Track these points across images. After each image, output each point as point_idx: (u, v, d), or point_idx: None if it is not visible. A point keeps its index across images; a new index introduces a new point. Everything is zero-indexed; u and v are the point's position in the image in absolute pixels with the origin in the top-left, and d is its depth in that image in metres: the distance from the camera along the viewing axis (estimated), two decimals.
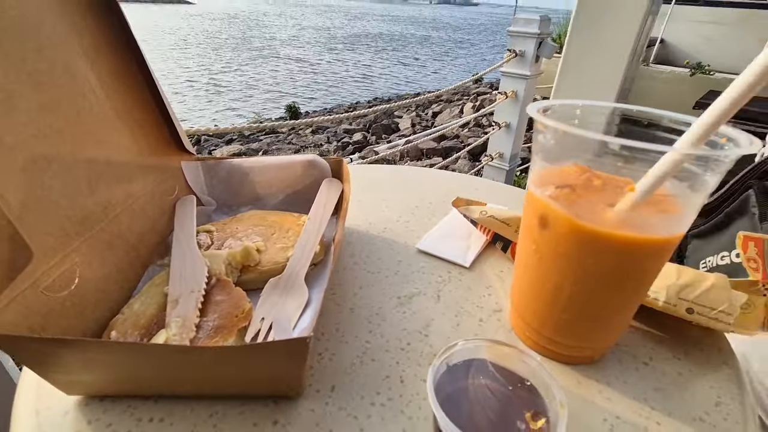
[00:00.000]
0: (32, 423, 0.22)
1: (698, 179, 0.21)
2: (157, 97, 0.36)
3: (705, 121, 0.19)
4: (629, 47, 0.77)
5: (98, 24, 0.31)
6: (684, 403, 0.25)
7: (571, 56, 0.85)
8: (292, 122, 1.23)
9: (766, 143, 0.54)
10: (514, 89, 2.03)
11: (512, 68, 2.10)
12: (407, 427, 0.23)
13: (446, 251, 0.38)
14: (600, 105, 0.26)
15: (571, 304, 0.25)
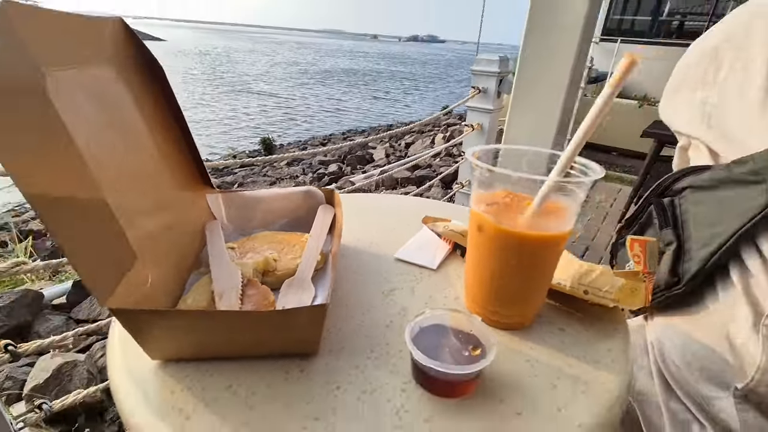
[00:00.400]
0: (128, 378, 0.31)
1: (572, 193, 0.33)
2: (189, 139, 0.47)
3: (565, 156, 0.31)
4: (566, 81, 0.92)
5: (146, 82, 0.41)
6: (586, 353, 0.37)
7: (518, 92, 1.00)
8: (266, 158, 1.33)
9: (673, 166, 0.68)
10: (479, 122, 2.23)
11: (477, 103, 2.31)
12: (393, 369, 0.33)
13: (418, 258, 0.49)
14: (516, 148, 0.38)
15: (501, 286, 0.36)
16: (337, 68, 34.53)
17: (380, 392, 0.31)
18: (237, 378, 0.31)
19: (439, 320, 0.33)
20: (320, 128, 12.45)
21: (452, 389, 0.30)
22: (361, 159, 6.78)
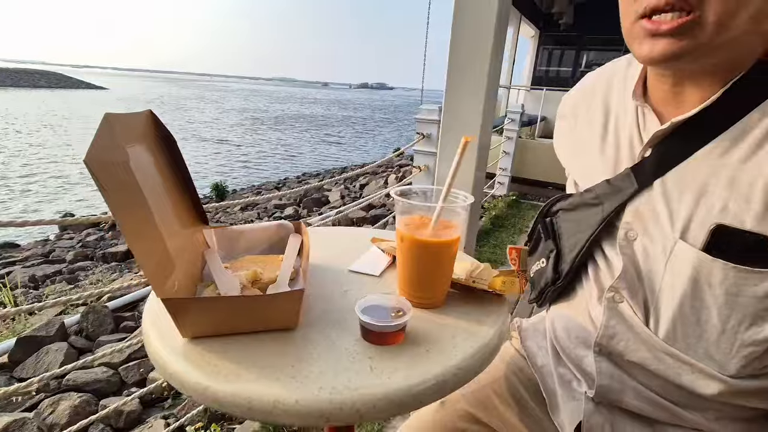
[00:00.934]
0: (166, 350, 0.45)
1: (455, 214, 0.52)
2: (191, 187, 0.63)
3: (443, 193, 0.51)
4: (478, 127, 1.16)
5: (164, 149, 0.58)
6: (475, 318, 0.55)
7: (443, 136, 1.24)
8: (219, 204, 1.48)
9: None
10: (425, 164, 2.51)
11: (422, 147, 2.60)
12: (348, 332, 0.50)
13: (366, 269, 0.67)
14: (422, 187, 0.58)
15: (418, 279, 0.55)
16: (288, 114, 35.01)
17: (340, 345, 0.48)
18: (244, 343, 0.47)
19: (378, 300, 0.51)
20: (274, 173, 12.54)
21: (385, 338, 0.47)
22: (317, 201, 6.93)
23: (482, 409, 0.78)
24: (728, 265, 0.50)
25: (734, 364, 0.54)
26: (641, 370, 0.61)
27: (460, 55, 1.10)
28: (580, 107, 0.74)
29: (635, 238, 0.59)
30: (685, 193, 0.54)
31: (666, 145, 0.57)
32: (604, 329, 0.63)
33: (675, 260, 0.54)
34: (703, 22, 0.45)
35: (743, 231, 0.49)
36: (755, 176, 0.48)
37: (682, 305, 0.55)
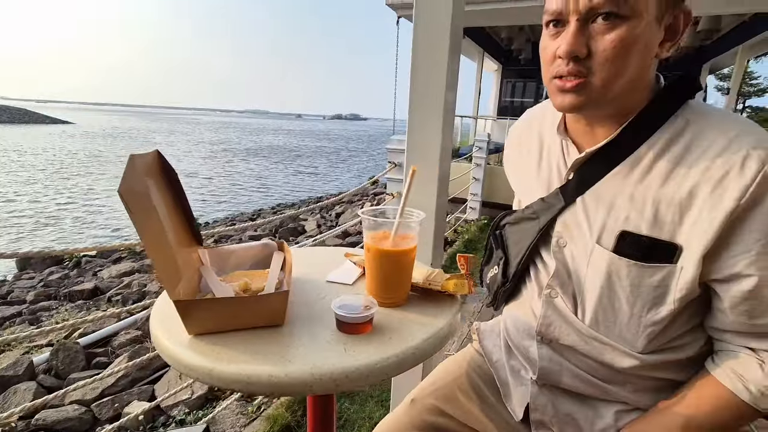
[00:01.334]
0: (175, 345, 0.55)
1: (410, 228, 0.65)
2: (189, 213, 0.73)
3: (399, 212, 0.64)
4: (438, 153, 1.30)
5: (166, 181, 0.69)
6: (431, 313, 0.67)
7: (407, 161, 1.38)
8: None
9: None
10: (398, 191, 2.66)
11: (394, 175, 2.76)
12: (326, 327, 0.61)
13: (341, 279, 0.79)
14: (383, 207, 0.71)
15: (383, 282, 0.67)
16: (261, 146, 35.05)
17: (319, 335, 0.59)
18: (240, 337, 0.57)
19: (350, 299, 0.62)
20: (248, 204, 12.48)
21: (356, 328, 0.58)
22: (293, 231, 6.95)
23: (447, 402, 0.89)
24: (631, 263, 0.64)
25: (641, 342, 0.67)
26: (573, 353, 0.74)
27: (418, 88, 1.25)
28: (522, 138, 0.89)
29: (565, 245, 0.73)
30: (599, 207, 0.68)
31: (584, 170, 0.72)
32: (542, 319, 0.76)
33: (594, 261, 0.69)
34: (592, 84, 0.62)
35: (640, 235, 0.64)
36: (647, 194, 0.64)
37: (600, 296, 0.69)
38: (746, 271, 0.58)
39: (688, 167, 0.61)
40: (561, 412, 0.77)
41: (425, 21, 1.17)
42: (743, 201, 0.56)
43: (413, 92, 1.24)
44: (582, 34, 0.60)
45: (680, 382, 0.69)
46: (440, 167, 1.26)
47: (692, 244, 0.60)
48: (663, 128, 0.64)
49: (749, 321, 0.62)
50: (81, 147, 25.70)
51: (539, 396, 0.79)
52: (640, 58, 0.60)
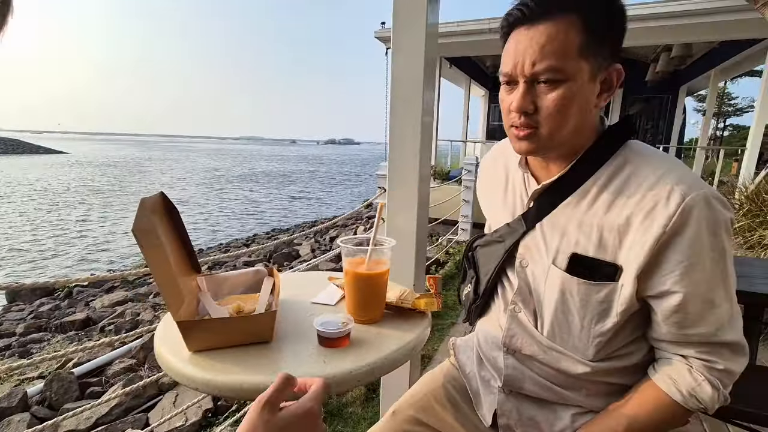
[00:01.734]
0: (176, 360, 0.64)
1: (382, 253, 0.75)
2: (188, 244, 0.83)
3: (372, 239, 0.74)
4: (416, 176, 1.40)
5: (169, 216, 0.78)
6: (403, 328, 0.77)
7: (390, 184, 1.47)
8: None
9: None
10: None
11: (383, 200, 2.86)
12: (308, 342, 0.70)
13: (324, 300, 0.88)
14: (355, 236, 0.81)
15: (362, 301, 0.76)
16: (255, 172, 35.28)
17: (302, 351, 0.67)
18: (234, 353, 0.66)
19: (330, 317, 0.72)
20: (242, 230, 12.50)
21: (334, 342, 0.67)
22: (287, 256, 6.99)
23: (424, 412, 0.97)
24: (580, 281, 0.74)
25: (591, 351, 0.77)
26: (533, 362, 0.83)
27: (396, 117, 1.36)
28: (490, 171, 1.00)
29: (527, 265, 0.83)
30: (554, 232, 0.79)
31: (541, 200, 0.82)
32: (506, 332, 0.85)
33: (550, 279, 0.78)
34: (540, 134, 0.73)
35: (588, 257, 0.74)
36: (593, 221, 0.74)
37: (556, 311, 0.78)
38: (673, 289, 0.68)
39: (626, 198, 0.71)
40: (524, 416, 0.85)
41: (401, 54, 1.30)
42: (668, 228, 0.66)
43: (392, 121, 1.36)
44: (529, 93, 0.71)
45: (628, 387, 0.78)
46: (419, 191, 1.36)
47: (629, 264, 0.70)
48: (606, 165, 0.75)
49: (679, 331, 0.71)
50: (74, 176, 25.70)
51: (505, 402, 0.87)
52: (578, 111, 0.71)
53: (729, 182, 5.89)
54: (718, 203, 0.67)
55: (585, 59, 0.69)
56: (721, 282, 0.69)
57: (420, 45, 1.28)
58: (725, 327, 0.70)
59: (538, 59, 0.68)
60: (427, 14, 1.26)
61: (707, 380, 0.69)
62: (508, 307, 0.86)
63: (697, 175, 0.71)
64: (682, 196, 0.66)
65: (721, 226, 0.67)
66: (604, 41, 0.70)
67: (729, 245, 0.69)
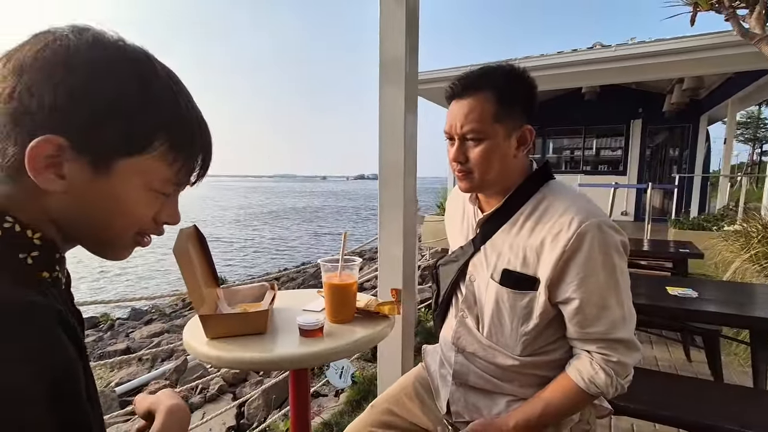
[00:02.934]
0: (197, 343, 0.90)
1: (351, 269, 1.00)
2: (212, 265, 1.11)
3: (340, 258, 1.00)
4: (401, 212, 1.63)
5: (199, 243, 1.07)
6: (371, 326, 1.00)
7: (381, 213, 1.72)
8: None
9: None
10: None
11: None
12: (293, 334, 0.95)
13: (312, 307, 1.13)
14: (336, 256, 1.07)
15: (335, 305, 1.01)
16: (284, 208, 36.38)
17: (287, 338, 0.92)
18: (238, 339, 0.91)
19: (308, 316, 0.97)
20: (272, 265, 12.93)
21: (310, 333, 0.92)
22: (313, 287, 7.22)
23: (396, 405, 1.18)
24: (510, 291, 0.96)
25: (519, 348, 0.97)
26: (476, 358, 1.04)
27: (385, 149, 1.61)
28: (453, 204, 1.25)
29: (474, 280, 1.06)
30: (493, 253, 1.01)
31: (485, 227, 1.05)
32: (455, 333, 1.07)
33: (489, 290, 1.01)
34: (473, 176, 0.97)
35: (516, 272, 0.96)
36: (520, 243, 0.96)
37: (492, 315, 1.00)
38: (572, 295, 0.87)
39: (542, 225, 0.92)
40: (470, 403, 1.05)
41: (386, 95, 1.58)
42: (567, 248, 0.86)
43: (380, 155, 1.62)
44: (461, 148, 0.95)
45: (550, 378, 0.96)
46: (404, 221, 1.60)
47: (543, 277, 0.90)
48: (531, 199, 0.97)
49: (581, 330, 0.90)
50: None
51: (455, 392, 1.08)
52: (499, 160, 0.94)
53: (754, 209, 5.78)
54: (610, 229, 0.88)
55: (499, 123, 0.93)
56: (612, 291, 0.87)
57: (400, 87, 1.55)
58: (618, 327, 0.88)
59: (464, 123, 0.93)
60: (406, 64, 1.54)
61: (603, 370, 0.87)
62: (458, 314, 1.08)
63: (596, 208, 0.92)
64: (579, 223, 0.86)
65: (611, 246, 0.87)
66: (514, 108, 0.94)
67: (620, 261, 0.88)
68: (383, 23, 1.53)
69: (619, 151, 9.36)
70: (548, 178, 1.00)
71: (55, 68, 0.40)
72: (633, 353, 0.90)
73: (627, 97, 8.56)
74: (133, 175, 0.45)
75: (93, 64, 0.42)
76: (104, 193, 0.44)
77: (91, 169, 0.43)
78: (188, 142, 0.48)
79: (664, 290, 2.09)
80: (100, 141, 0.43)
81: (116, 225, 0.47)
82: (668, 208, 7.87)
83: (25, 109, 0.40)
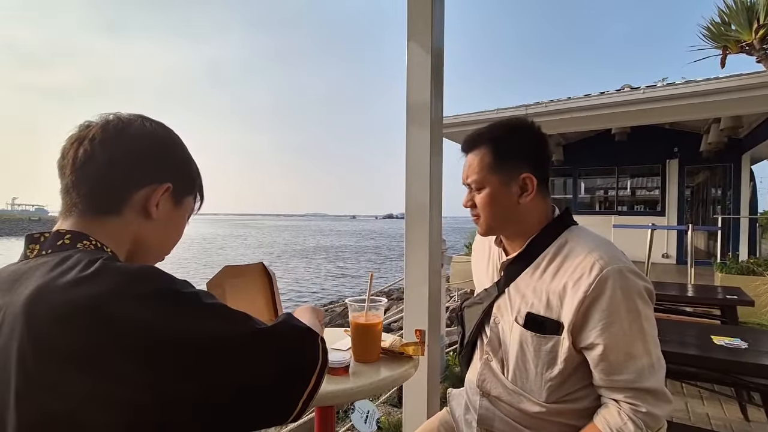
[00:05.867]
0: None
1: (376, 309, 1.03)
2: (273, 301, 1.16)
3: (367, 300, 1.03)
4: (427, 250, 1.66)
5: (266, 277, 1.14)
6: (396, 366, 1.01)
7: (408, 252, 1.74)
8: None
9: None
10: None
11: None
12: None
13: (339, 346, 1.15)
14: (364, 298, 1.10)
15: (361, 345, 1.03)
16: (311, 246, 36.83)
17: None
18: None
19: (335, 355, 0.99)
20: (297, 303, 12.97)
21: (336, 371, 0.94)
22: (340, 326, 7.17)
23: None
24: (534, 334, 0.97)
25: (544, 394, 0.96)
26: (500, 402, 1.03)
27: (411, 190, 1.65)
28: (479, 248, 1.28)
29: (499, 322, 1.06)
30: (517, 295, 1.02)
31: (509, 269, 1.07)
32: (479, 376, 1.07)
33: (513, 333, 1.01)
34: (483, 221, 1.03)
35: (540, 316, 0.96)
36: (543, 287, 0.97)
37: (517, 359, 1.00)
38: (596, 341, 0.87)
39: (564, 269, 0.93)
40: None
41: (413, 138, 1.64)
42: (588, 293, 0.87)
43: (407, 196, 1.66)
44: (471, 194, 1.04)
45: (579, 428, 0.93)
46: (430, 261, 1.62)
47: (566, 321, 0.90)
48: (552, 244, 0.99)
49: (606, 377, 0.88)
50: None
51: None
52: (501, 207, 1.00)
53: None
54: (632, 274, 0.88)
55: (495, 173, 1.00)
56: (638, 337, 0.86)
57: (426, 130, 1.61)
58: (645, 375, 0.86)
59: (469, 175, 1.03)
60: (432, 109, 1.61)
61: (632, 420, 0.84)
62: (483, 356, 1.08)
63: (619, 253, 0.92)
64: (601, 268, 0.87)
65: (634, 292, 0.87)
66: (510, 160, 1.00)
67: (645, 308, 0.88)
68: (410, 69, 1.64)
69: (656, 191, 9.09)
70: (570, 223, 1.02)
71: (154, 140, 0.65)
72: (663, 404, 0.86)
73: (661, 137, 8.41)
74: (188, 208, 0.71)
75: (174, 137, 0.68)
76: (175, 220, 0.68)
77: (174, 202, 0.66)
78: (202, 184, 0.73)
79: (708, 339, 1.97)
80: (183, 185, 0.67)
81: (174, 241, 0.71)
82: (713, 251, 7.45)
83: (136, 167, 0.62)
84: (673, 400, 0.88)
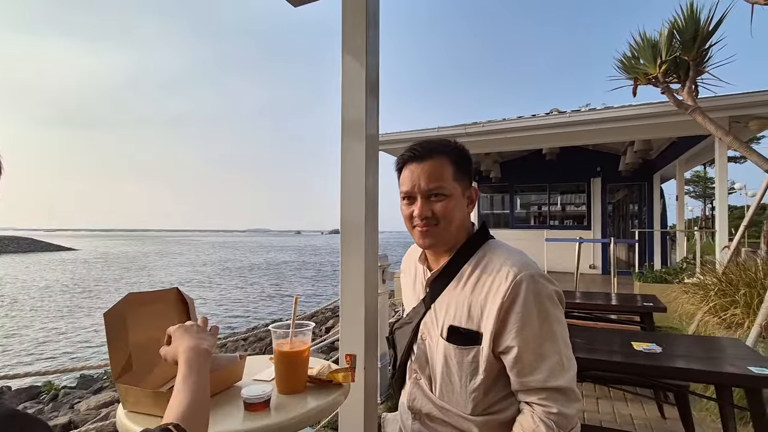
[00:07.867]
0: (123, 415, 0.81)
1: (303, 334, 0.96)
2: None
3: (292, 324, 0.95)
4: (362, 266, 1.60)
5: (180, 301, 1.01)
6: (324, 394, 0.94)
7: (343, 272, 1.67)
8: None
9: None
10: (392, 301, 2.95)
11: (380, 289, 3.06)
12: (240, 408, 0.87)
13: (263, 377, 1.05)
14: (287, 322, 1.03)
15: (285, 375, 0.95)
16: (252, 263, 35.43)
17: (231, 414, 0.85)
18: None
19: (254, 388, 0.89)
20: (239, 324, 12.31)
21: (254, 407, 0.85)
22: None
23: None
24: (456, 347, 0.95)
25: (469, 406, 0.94)
26: (431, 419, 1.00)
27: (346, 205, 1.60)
28: (405, 267, 1.26)
29: (426, 338, 1.04)
30: (441, 311, 1.01)
31: (433, 285, 1.06)
32: (409, 395, 1.04)
33: (438, 348, 0.99)
34: (438, 227, 1.00)
35: (460, 327, 0.95)
36: (464, 300, 0.97)
37: (443, 373, 0.97)
38: (511, 344, 0.89)
39: (483, 281, 0.96)
40: None
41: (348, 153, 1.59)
42: (505, 299, 0.90)
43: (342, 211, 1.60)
44: (426, 203, 1.01)
45: None
46: (365, 277, 1.55)
47: (487, 330, 0.92)
48: (473, 257, 1.01)
49: (520, 380, 0.90)
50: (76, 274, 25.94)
51: None
52: (458, 215, 1.01)
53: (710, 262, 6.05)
54: (543, 279, 0.92)
55: (457, 183, 1.02)
56: (548, 338, 0.89)
57: (361, 144, 1.56)
58: (555, 374, 0.88)
59: (430, 182, 1.00)
60: (366, 124, 1.57)
61: (544, 422, 0.85)
62: (412, 375, 1.05)
63: (531, 261, 0.96)
64: (515, 275, 0.90)
65: (544, 295, 0.90)
66: (464, 172, 1.04)
67: (555, 310, 0.91)
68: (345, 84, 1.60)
69: (583, 206, 9.83)
70: (488, 237, 1.04)
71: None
72: (573, 403, 0.90)
73: (586, 157, 9.16)
74: None
75: None
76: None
77: None
78: None
79: (630, 345, 2.10)
80: None
81: None
82: (633, 261, 8.14)
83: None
84: (601, 403, 0.91)
